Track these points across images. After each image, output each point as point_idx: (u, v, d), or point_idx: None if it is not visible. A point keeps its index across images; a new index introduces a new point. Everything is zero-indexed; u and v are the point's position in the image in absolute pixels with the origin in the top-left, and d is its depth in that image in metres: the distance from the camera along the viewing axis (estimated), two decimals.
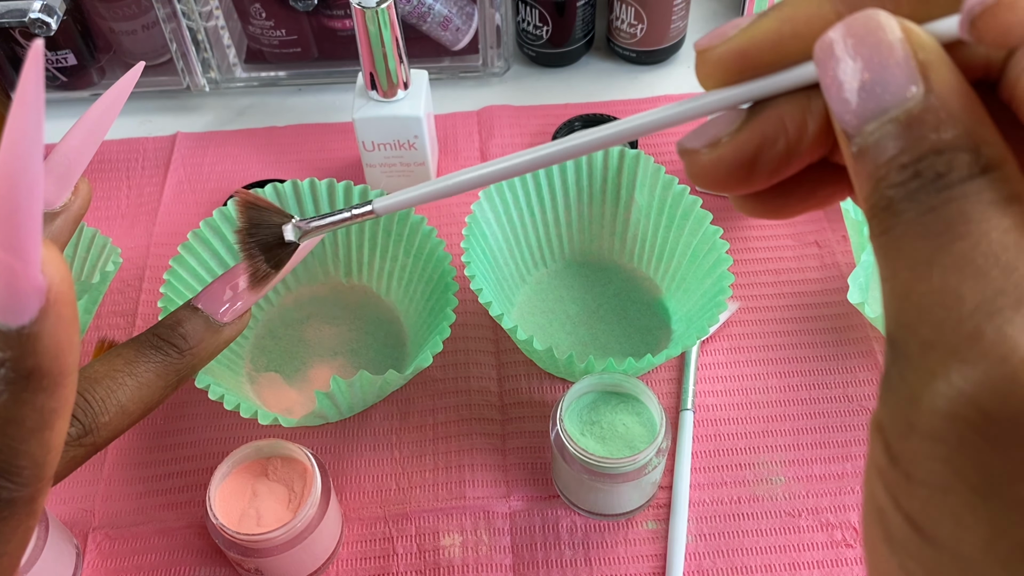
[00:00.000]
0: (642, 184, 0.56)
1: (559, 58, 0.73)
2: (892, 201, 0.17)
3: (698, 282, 0.53)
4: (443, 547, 0.49)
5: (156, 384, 0.28)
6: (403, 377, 0.48)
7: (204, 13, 0.67)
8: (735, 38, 0.21)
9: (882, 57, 0.18)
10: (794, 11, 0.20)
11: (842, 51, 0.18)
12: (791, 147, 0.20)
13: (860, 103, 0.18)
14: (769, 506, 0.50)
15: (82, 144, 0.30)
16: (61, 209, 0.29)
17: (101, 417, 0.27)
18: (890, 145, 0.18)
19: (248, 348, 0.56)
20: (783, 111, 0.20)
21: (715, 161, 0.21)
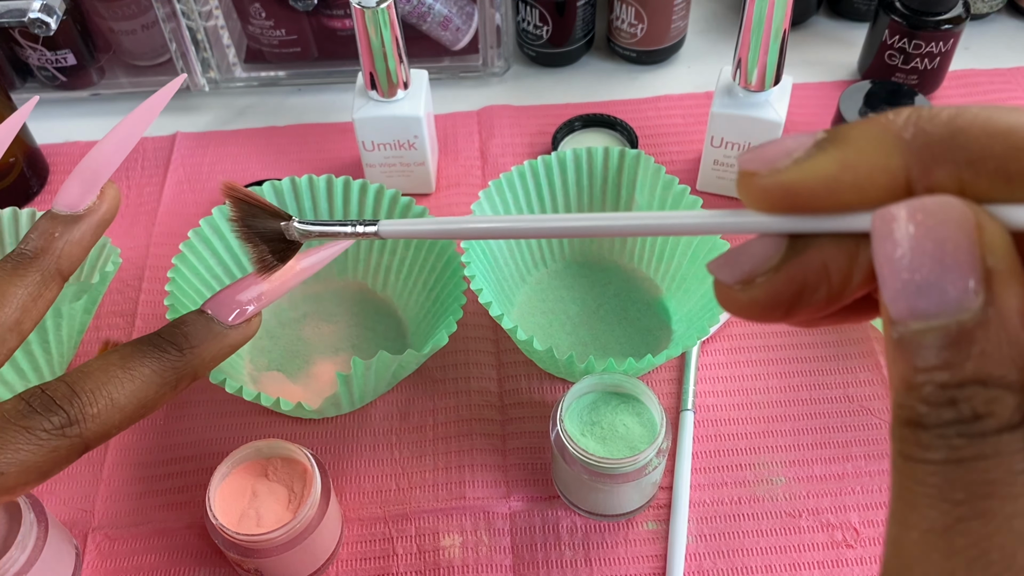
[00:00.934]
0: (642, 184, 0.56)
1: (559, 58, 0.73)
2: (922, 422, 0.16)
3: (698, 282, 0.53)
4: (443, 547, 0.49)
5: (152, 380, 0.27)
6: (420, 356, 0.48)
7: (204, 13, 0.67)
8: (786, 172, 0.18)
9: (945, 257, 0.16)
10: (857, 157, 0.18)
11: (903, 234, 0.16)
12: (833, 295, 0.19)
13: (911, 297, 0.16)
14: (769, 506, 0.50)
15: (112, 152, 0.30)
16: (85, 212, 0.30)
17: (88, 408, 0.26)
18: (933, 353, 0.16)
19: (246, 350, 0.56)
20: (827, 256, 0.18)
21: (748, 301, 0.19)
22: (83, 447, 0.26)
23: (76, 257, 0.30)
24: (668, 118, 0.70)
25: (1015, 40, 0.75)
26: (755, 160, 0.19)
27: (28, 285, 0.28)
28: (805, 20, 0.77)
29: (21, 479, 0.25)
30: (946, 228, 0.16)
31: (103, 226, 0.31)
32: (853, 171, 0.18)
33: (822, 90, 0.71)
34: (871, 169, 0.18)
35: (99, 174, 0.30)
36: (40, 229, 0.29)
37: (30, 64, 0.69)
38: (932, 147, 0.17)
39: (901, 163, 0.17)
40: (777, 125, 0.58)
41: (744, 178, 0.19)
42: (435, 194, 0.65)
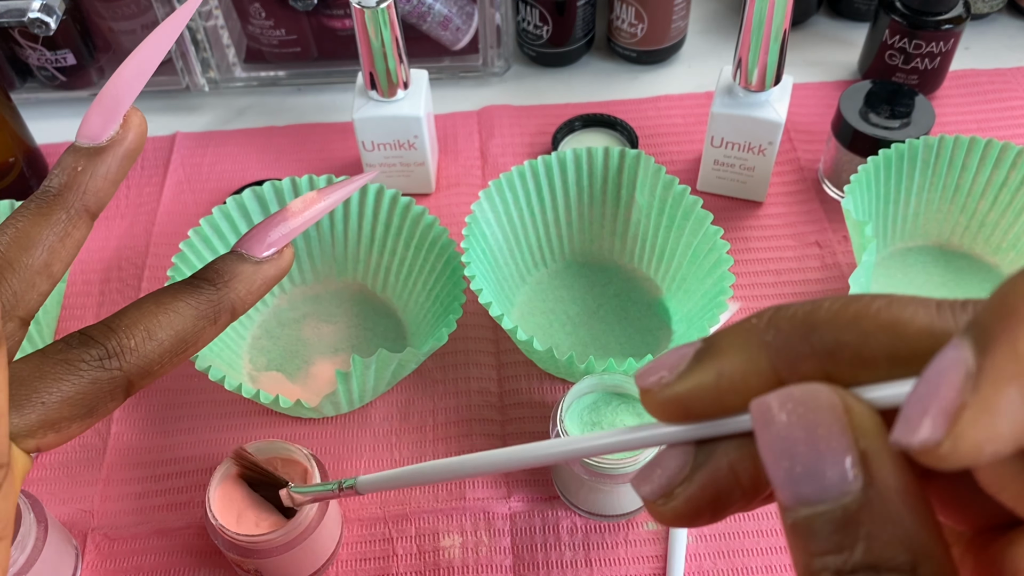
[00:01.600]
0: (643, 184, 0.56)
1: (559, 58, 0.73)
2: None
3: (699, 282, 0.53)
4: (443, 548, 0.49)
5: (188, 313, 0.27)
6: (420, 355, 0.48)
7: (203, 13, 0.67)
8: (674, 386, 0.19)
9: (818, 443, 0.16)
10: (730, 365, 0.19)
11: (777, 424, 0.17)
12: (747, 495, 0.19)
13: (794, 484, 0.17)
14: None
15: (132, 76, 0.28)
16: (109, 143, 0.28)
17: (125, 340, 0.26)
18: (824, 538, 0.16)
19: (246, 349, 0.56)
20: (731, 459, 0.19)
21: (672, 513, 0.20)
22: (125, 381, 0.26)
23: (104, 192, 0.28)
24: (668, 118, 0.70)
25: (1015, 40, 0.75)
26: (645, 376, 0.20)
27: (54, 225, 0.27)
28: (805, 20, 0.77)
29: (65, 411, 0.25)
30: (816, 414, 0.17)
31: (130, 158, 0.28)
32: (728, 378, 0.19)
33: (822, 90, 0.71)
34: (744, 374, 0.18)
35: (120, 101, 0.28)
36: (63, 165, 0.27)
37: (30, 64, 0.69)
38: (792, 345, 0.18)
39: (768, 364, 0.18)
40: (777, 125, 0.58)
41: (644, 395, 0.20)
42: (435, 194, 0.65)
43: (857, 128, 0.59)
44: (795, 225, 0.62)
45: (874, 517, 0.16)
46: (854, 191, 0.54)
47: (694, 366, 0.19)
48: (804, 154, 0.66)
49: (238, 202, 0.54)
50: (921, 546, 0.16)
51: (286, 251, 0.30)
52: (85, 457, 0.53)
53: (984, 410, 0.14)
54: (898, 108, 0.60)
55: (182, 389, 0.56)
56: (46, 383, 0.25)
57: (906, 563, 0.16)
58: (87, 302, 0.60)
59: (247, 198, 0.54)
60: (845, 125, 0.60)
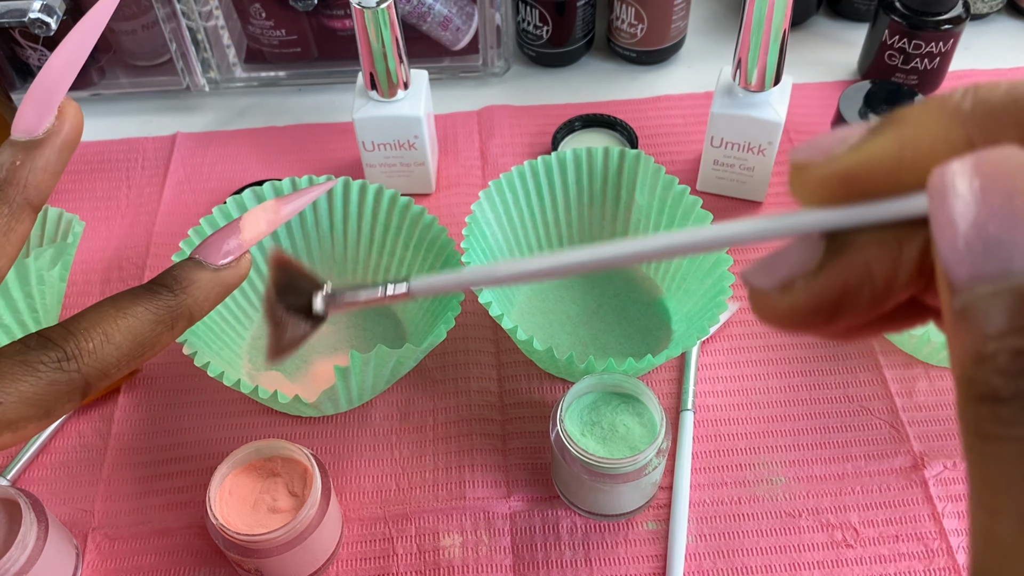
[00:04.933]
0: (642, 184, 0.56)
1: (559, 58, 0.73)
2: (999, 395, 0.14)
3: (698, 282, 0.53)
4: (443, 547, 0.49)
5: (145, 318, 0.27)
6: (418, 352, 0.48)
7: (204, 13, 0.67)
8: (844, 158, 0.17)
9: (1012, 212, 0.15)
10: (916, 132, 0.17)
11: (965, 189, 0.15)
12: (877, 298, 0.17)
13: (976, 257, 0.15)
14: (769, 506, 0.50)
15: (63, 66, 0.28)
16: (46, 135, 0.28)
17: (84, 343, 0.26)
18: (1004, 318, 0.14)
19: (245, 348, 0.56)
20: (870, 255, 0.17)
21: (788, 308, 0.18)
22: (83, 383, 0.26)
23: (45, 185, 0.28)
24: (668, 118, 0.70)
25: (1015, 40, 0.75)
26: (809, 150, 0.18)
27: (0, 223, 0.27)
28: (805, 20, 0.77)
29: (22, 411, 0.25)
30: (1015, 180, 0.15)
31: (68, 148, 0.28)
32: (914, 147, 0.17)
33: (822, 90, 0.71)
34: (932, 142, 0.17)
35: (53, 92, 0.28)
36: (2, 160, 0.27)
37: (30, 64, 0.69)
38: (994, 114, 0.16)
39: (963, 133, 0.16)
40: (777, 125, 0.58)
41: (798, 172, 0.18)
42: (435, 194, 0.65)
43: None
44: None
45: None
46: None
47: (872, 137, 0.17)
48: None
49: (238, 202, 0.54)
50: None
51: (244, 258, 0.30)
52: (85, 457, 0.53)
53: None
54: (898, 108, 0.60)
55: (182, 389, 0.56)
56: (3, 383, 0.25)
57: None
58: (87, 302, 0.60)
59: (247, 198, 0.54)
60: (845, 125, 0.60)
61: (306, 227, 0.57)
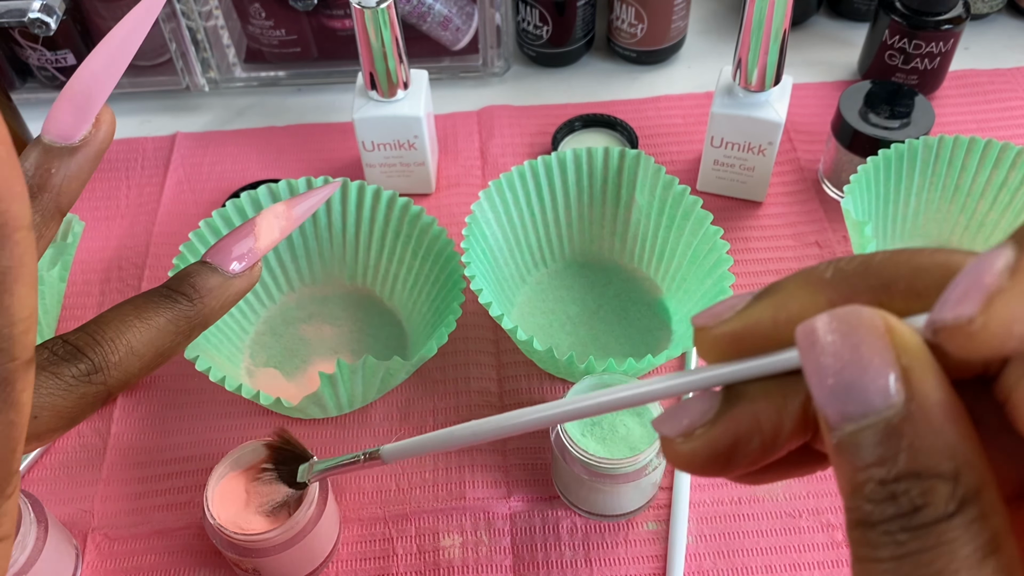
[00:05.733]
0: (642, 184, 0.56)
1: (559, 58, 0.73)
2: (869, 520, 0.17)
3: (698, 282, 0.53)
4: (443, 548, 0.49)
5: (167, 329, 0.28)
6: (407, 365, 0.48)
7: (203, 13, 0.67)
8: (731, 321, 0.20)
9: (862, 359, 0.17)
10: (787, 299, 0.20)
11: (824, 344, 0.18)
12: (766, 445, 0.20)
13: (839, 400, 0.17)
14: (770, 507, 0.50)
15: (103, 70, 0.27)
16: (81, 143, 0.27)
17: (111, 356, 0.26)
18: (868, 452, 0.17)
19: (248, 343, 0.56)
20: (758, 408, 0.20)
21: (689, 454, 0.20)
22: (107, 394, 0.26)
23: (75, 192, 0.27)
24: (668, 118, 0.70)
25: (1015, 40, 0.75)
26: (705, 315, 0.21)
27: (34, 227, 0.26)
28: (805, 20, 0.77)
29: (52, 424, 0.25)
30: (859, 332, 0.17)
31: (100, 155, 0.27)
32: (786, 311, 0.20)
33: (822, 90, 0.71)
34: (801, 307, 0.19)
35: (93, 99, 0.27)
36: (34, 163, 0.26)
37: (30, 64, 0.69)
38: (849, 280, 0.19)
39: (825, 299, 0.19)
40: (777, 125, 0.58)
41: (698, 333, 0.21)
42: (435, 194, 0.65)
43: (857, 128, 0.59)
44: (795, 225, 0.62)
45: (916, 429, 0.17)
46: (854, 191, 0.54)
47: (754, 303, 0.20)
48: (804, 154, 0.66)
49: (237, 206, 0.54)
50: (962, 455, 0.16)
51: (256, 265, 0.31)
52: (85, 457, 0.53)
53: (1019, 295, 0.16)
54: (898, 108, 0.60)
55: (182, 389, 0.56)
56: (39, 398, 0.25)
57: (948, 470, 0.16)
58: (87, 302, 0.60)
59: (245, 202, 0.54)
60: (845, 125, 0.60)
61: (304, 229, 0.57)
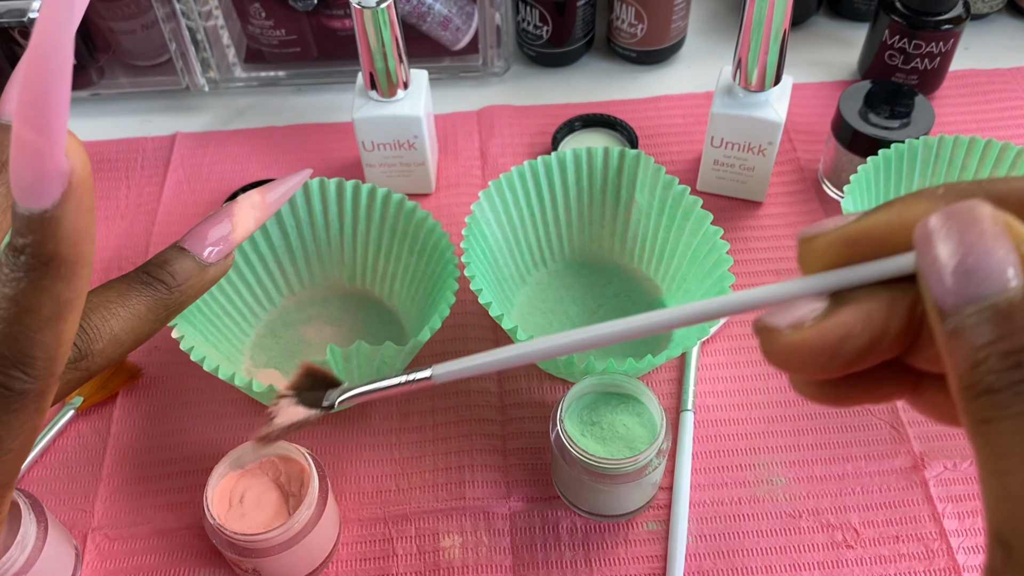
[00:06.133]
0: (642, 184, 0.56)
1: (559, 58, 0.73)
2: (993, 389, 0.18)
3: (698, 282, 0.53)
4: (443, 548, 0.49)
5: (147, 317, 0.29)
6: (402, 352, 0.47)
7: (203, 13, 0.67)
8: (847, 226, 0.22)
9: (984, 245, 0.19)
10: (904, 207, 0.21)
11: (943, 234, 0.19)
12: (873, 342, 0.21)
13: (959, 285, 0.19)
14: (770, 507, 0.50)
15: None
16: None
17: (96, 344, 0.27)
18: (988, 330, 0.18)
19: (248, 345, 0.56)
20: (869, 307, 0.21)
21: (797, 344, 0.21)
22: (87, 378, 0.27)
23: None
24: (668, 118, 0.70)
25: (1015, 40, 0.75)
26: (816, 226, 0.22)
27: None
28: (805, 20, 0.77)
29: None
30: (981, 223, 0.19)
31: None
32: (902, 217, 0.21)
33: (822, 90, 0.71)
34: (917, 214, 0.21)
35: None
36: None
37: None
38: (963, 194, 0.20)
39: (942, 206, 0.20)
40: (777, 125, 0.58)
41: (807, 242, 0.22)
42: (435, 194, 0.65)
43: (857, 128, 0.59)
44: (795, 225, 0.62)
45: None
46: (854, 191, 0.54)
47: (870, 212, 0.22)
48: (804, 154, 0.66)
49: None
50: None
51: (231, 255, 0.32)
52: (85, 457, 0.53)
53: None
54: (898, 108, 0.60)
55: (182, 389, 0.56)
56: None
57: None
58: None
59: None
60: (845, 125, 0.60)
61: (302, 232, 0.56)
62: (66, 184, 0.21)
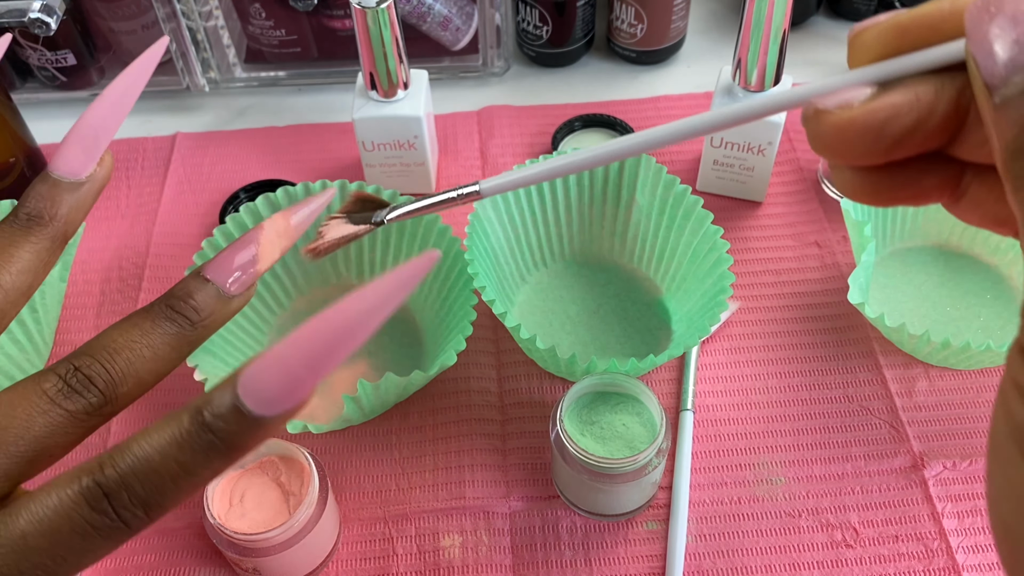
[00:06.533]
0: (643, 184, 0.56)
1: (559, 58, 0.73)
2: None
3: (698, 282, 0.53)
4: (443, 548, 0.49)
5: (171, 356, 0.28)
6: (427, 377, 0.48)
7: (204, 13, 0.67)
8: (899, 15, 0.22)
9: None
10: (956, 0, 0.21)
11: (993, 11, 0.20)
12: (920, 122, 0.21)
13: (1011, 55, 0.19)
14: (769, 506, 0.50)
15: (109, 114, 0.29)
16: (88, 179, 0.29)
17: (121, 388, 0.27)
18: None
19: None
20: (917, 89, 0.21)
21: (845, 123, 0.22)
22: (106, 421, 0.27)
23: (78, 222, 0.30)
24: (668, 118, 0.70)
25: None
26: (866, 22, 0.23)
27: (41, 252, 0.28)
28: (805, 20, 0.77)
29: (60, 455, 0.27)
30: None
31: (101, 190, 0.30)
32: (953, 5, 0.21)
33: None
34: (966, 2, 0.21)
35: (99, 139, 0.29)
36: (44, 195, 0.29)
37: (30, 64, 0.69)
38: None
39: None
40: (777, 125, 0.58)
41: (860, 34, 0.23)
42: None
43: None
44: (795, 225, 0.62)
45: None
46: None
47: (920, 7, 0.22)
48: (803, 154, 0.67)
49: (237, 221, 0.54)
50: None
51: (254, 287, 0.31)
52: (85, 457, 0.53)
53: None
54: None
55: (182, 389, 0.56)
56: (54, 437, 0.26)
57: None
58: (87, 302, 0.60)
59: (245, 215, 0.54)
60: None
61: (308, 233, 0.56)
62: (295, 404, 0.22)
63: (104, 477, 0.24)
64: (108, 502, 0.23)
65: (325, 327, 0.22)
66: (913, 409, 0.53)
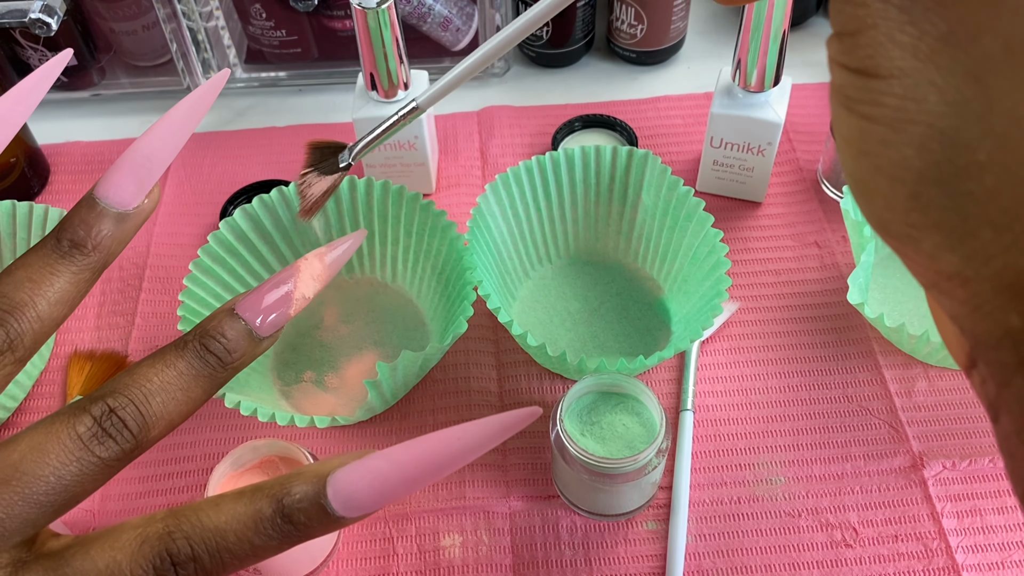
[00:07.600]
0: (649, 184, 0.56)
1: (559, 58, 0.73)
2: None
3: (698, 283, 0.53)
4: (443, 547, 0.49)
5: (200, 398, 0.27)
6: (442, 348, 0.48)
7: (204, 13, 0.67)
8: None
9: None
10: None
11: None
12: None
13: None
14: (769, 506, 0.50)
15: (165, 144, 0.28)
16: (135, 211, 0.28)
17: (152, 431, 0.26)
18: None
19: (271, 366, 0.55)
20: None
21: None
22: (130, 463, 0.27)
23: (118, 253, 0.29)
24: (668, 118, 0.70)
25: None
26: None
27: (80, 284, 0.27)
28: (805, 20, 0.77)
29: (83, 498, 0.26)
30: None
31: (145, 221, 0.29)
32: None
33: (822, 90, 0.71)
34: None
35: (153, 172, 0.28)
36: (90, 223, 0.27)
37: (30, 64, 0.69)
38: None
39: None
40: (777, 126, 0.58)
41: None
42: (435, 194, 0.65)
43: None
44: (794, 225, 0.62)
45: None
46: None
47: None
48: (803, 155, 0.67)
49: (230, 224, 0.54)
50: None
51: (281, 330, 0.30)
52: None
53: None
54: None
55: None
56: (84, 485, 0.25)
57: None
58: (88, 301, 0.60)
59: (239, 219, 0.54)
60: None
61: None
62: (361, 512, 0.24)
63: (176, 548, 0.24)
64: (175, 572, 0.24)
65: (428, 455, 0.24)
66: (912, 409, 0.53)
